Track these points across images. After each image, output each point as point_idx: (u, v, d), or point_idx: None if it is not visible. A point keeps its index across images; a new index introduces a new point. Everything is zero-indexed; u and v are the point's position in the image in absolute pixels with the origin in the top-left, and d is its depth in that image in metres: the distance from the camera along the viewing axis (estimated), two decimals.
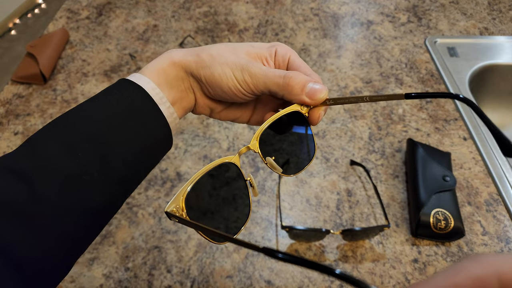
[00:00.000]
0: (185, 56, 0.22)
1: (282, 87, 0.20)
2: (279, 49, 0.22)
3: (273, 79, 0.20)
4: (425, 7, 0.67)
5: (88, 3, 0.68)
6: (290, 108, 0.21)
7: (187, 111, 0.24)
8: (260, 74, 0.21)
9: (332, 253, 0.36)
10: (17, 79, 0.54)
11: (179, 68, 0.22)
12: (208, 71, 0.21)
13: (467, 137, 0.46)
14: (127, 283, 0.34)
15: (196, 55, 0.21)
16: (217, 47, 0.22)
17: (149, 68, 0.21)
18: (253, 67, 0.21)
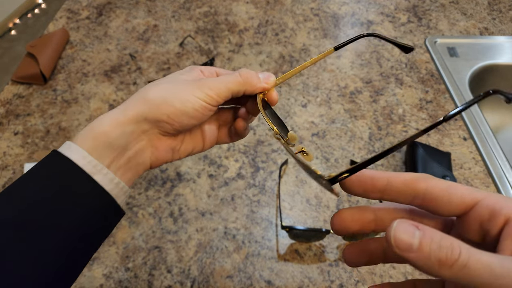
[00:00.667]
0: (128, 109, 0.20)
1: (243, 84, 0.22)
2: (203, 68, 0.23)
3: (233, 80, 0.21)
4: (425, 7, 0.67)
5: (88, 3, 0.68)
6: (258, 99, 0.22)
7: (142, 170, 0.22)
8: (219, 82, 0.21)
9: (332, 253, 0.36)
10: (17, 79, 0.54)
11: (127, 124, 0.20)
12: (168, 107, 0.20)
13: (467, 137, 0.47)
14: (127, 283, 0.34)
15: (142, 102, 0.20)
16: (155, 86, 0.21)
17: (84, 134, 0.19)
18: (208, 81, 0.21)
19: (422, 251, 0.12)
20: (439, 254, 0.11)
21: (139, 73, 0.55)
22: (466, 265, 0.11)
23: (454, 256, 0.11)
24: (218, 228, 0.38)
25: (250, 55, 0.58)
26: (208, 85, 0.21)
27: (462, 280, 0.12)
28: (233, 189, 0.41)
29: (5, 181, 0.42)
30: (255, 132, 0.47)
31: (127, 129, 0.20)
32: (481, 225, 0.13)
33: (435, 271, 0.12)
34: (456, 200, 0.13)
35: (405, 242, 0.12)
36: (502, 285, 0.11)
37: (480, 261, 0.11)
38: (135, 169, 0.21)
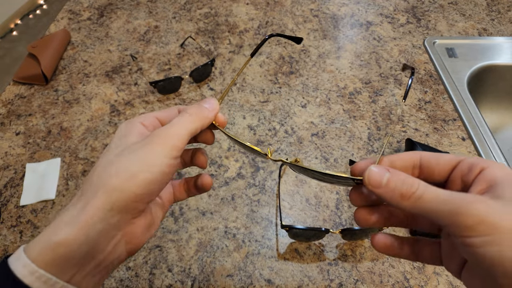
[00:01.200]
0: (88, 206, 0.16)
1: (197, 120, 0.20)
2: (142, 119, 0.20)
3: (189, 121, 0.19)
4: (424, 8, 0.67)
5: (90, 4, 0.69)
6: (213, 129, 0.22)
7: (117, 265, 0.19)
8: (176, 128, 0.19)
9: (332, 252, 0.37)
10: (18, 80, 0.54)
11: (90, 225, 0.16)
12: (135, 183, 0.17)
13: (465, 137, 0.47)
14: (128, 282, 0.35)
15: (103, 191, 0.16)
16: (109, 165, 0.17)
17: (40, 242, 0.16)
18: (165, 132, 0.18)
19: (388, 186, 0.15)
20: (401, 189, 0.15)
21: (140, 74, 0.56)
22: (421, 197, 0.14)
23: (413, 190, 0.15)
24: (219, 227, 0.38)
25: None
26: (171, 135, 0.18)
27: (417, 209, 0.15)
28: (233, 188, 0.42)
29: (6, 181, 0.43)
30: (255, 132, 0.48)
31: (91, 232, 0.16)
32: (462, 178, 0.16)
33: (397, 202, 0.15)
34: (443, 161, 0.16)
35: (376, 180, 0.16)
36: (447, 211, 0.14)
37: (432, 193, 0.14)
38: (106, 270, 0.18)
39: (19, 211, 0.40)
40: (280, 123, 0.49)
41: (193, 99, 0.52)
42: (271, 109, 0.50)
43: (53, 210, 0.40)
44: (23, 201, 0.40)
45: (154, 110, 0.51)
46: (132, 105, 0.51)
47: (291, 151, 0.45)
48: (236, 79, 0.25)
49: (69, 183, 0.42)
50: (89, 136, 0.47)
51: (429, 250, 0.18)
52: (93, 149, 0.46)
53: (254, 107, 0.51)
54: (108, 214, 0.16)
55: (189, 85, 0.54)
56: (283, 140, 0.47)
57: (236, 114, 0.50)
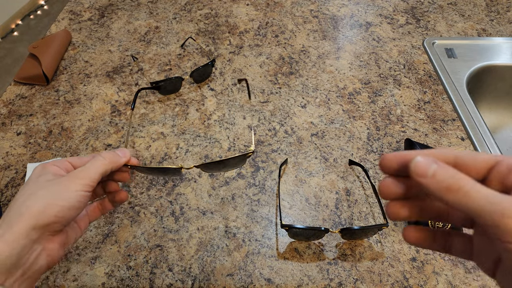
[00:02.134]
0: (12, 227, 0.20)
1: (108, 164, 0.25)
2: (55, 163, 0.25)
3: (100, 164, 0.24)
4: (423, 9, 0.68)
5: (90, 4, 0.69)
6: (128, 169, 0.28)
7: (39, 274, 0.23)
8: (89, 170, 0.24)
9: (331, 251, 0.37)
10: (19, 80, 0.54)
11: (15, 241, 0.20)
12: (54, 208, 0.22)
13: (464, 137, 0.47)
14: (129, 281, 0.35)
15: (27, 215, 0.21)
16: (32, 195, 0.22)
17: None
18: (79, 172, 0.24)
19: (435, 177, 0.15)
20: (448, 181, 0.15)
21: (140, 74, 0.56)
22: (468, 192, 0.14)
23: (460, 184, 0.15)
24: (219, 227, 0.39)
25: (250, 57, 0.59)
26: (80, 176, 0.23)
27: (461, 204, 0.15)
28: (233, 188, 0.42)
29: (7, 180, 0.43)
30: (255, 133, 0.48)
31: (16, 246, 0.20)
32: (501, 181, 0.15)
33: (442, 194, 0.15)
34: (480, 160, 0.16)
35: (422, 170, 0.15)
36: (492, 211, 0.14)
37: (479, 191, 0.14)
38: (32, 278, 0.22)
39: None
40: (280, 123, 0.49)
41: (194, 99, 0.52)
42: (271, 109, 0.51)
43: None
44: None
45: (155, 110, 0.51)
46: None
47: (290, 151, 0.46)
48: None
49: None
50: (90, 136, 0.47)
51: (461, 244, 0.18)
52: (94, 149, 0.46)
53: (254, 107, 0.51)
54: (31, 232, 0.21)
55: (190, 86, 0.54)
56: (283, 140, 0.47)
57: (236, 115, 0.50)
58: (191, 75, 0.52)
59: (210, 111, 0.51)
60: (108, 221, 0.39)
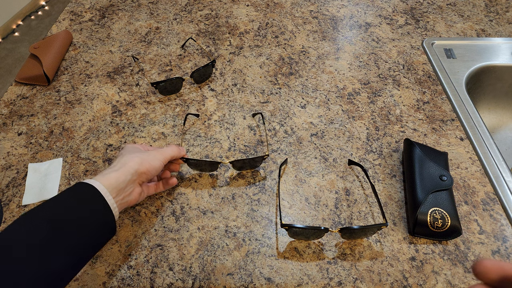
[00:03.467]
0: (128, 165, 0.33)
1: (176, 153, 0.39)
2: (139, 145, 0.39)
3: (172, 150, 0.38)
4: (422, 9, 0.68)
5: (91, 5, 0.69)
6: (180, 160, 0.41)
7: (128, 205, 0.34)
8: (167, 150, 0.38)
9: (331, 251, 0.37)
10: (20, 80, 0.55)
11: (128, 174, 0.33)
12: (147, 165, 0.34)
13: (463, 137, 0.47)
14: (129, 281, 0.35)
15: (131, 162, 0.34)
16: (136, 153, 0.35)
17: (103, 176, 0.32)
18: (162, 151, 0.37)
19: None
20: None
21: (141, 75, 0.56)
22: None
23: None
24: (219, 226, 0.39)
25: (250, 57, 0.59)
26: (163, 151, 0.37)
27: None
28: (233, 188, 0.42)
29: (8, 180, 0.43)
30: (255, 133, 0.48)
31: (128, 177, 0.33)
32: None
33: None
34: None
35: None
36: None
37: None
38: (123, 205, 0.33)
39: (21, 210, 0.40)
40: (280, 124, 0.49)
41: (194, 100, 0.52)
42: (271, 109, 0.51)
43: None
44: (25, 200, 0.41)
45: (155, 111, 0.51)
46: (133, 105, 0.52)
47: (290, 151, 0.46)
48: None
49: (71, 183, 0.43)
50: (91, 136, 0.48)
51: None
52: (95, 149, 0.46)
53: (254, 108, 0.51)
54: (134, 173, 0.33)
55: (190, 86, 0.54)
56: (283, 140, 0.47)
57: (237, 115, 0.50)
58: (192, 75, 0.52)
59: (211, 111, 0.51)
60: None
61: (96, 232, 0.30)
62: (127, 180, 0.32)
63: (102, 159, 0.45)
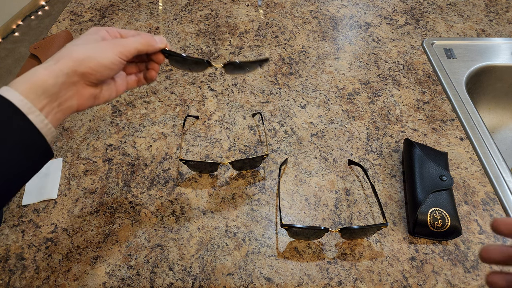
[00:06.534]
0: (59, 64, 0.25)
1: (145, 44, 0.28)
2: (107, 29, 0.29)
3: (138, 41, 0.28)
4: (422, 9, 0.68)
5: (91, 5, 0.69)
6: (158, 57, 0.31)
7: (70, 112, 0.27)
8: (129, 43, 0.28)
9: (331, 251, 0.37)
10: None
11: (60, 76, 0.24)
12: (92, 61, 0.25)
13: (463, 137, 0.47)
14: (129, 281, 0.35)
15: (71, 59, 0.25)
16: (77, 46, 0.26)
17: (21, 81, 0.23)
18: (121, 41, 0.27)
19: None
20: None
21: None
22: None
23: None
24: (219, 226, 0.39)
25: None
26: (121, 44, 0.27)
27: None
28: (233, 188, 0.42)
29: None
30: (255, 133, 0.48)
31: (59, 79, 0.24)
32: None
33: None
34: None
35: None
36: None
37: None
38: (64, 111, 0.26)
39: (21, 210, 0.40)
40: (280, 124, 0.49)
41: (194, 100, 0.52)
42: (271, 109, 0.51)
43: (55, 209, 0.40)
44: (25, 200, 0.41)
45: (155, 110, 0.51)
46: (133, 105, 0.52)
47: (290, 151, 0.46)
48: None
49: (71, 183, 0.43)
50: (91, 136, 0.48)
51: None
52: (95, 149, 0.46)
53: (254, 108, 0.51)
54: (71, 74, 0.25)
55: (190, 86, 0.54)
56: (283, 140, 0.47)
57: (237, 115, 0.50)
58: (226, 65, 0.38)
59: (211, 111, 0.51)
60: (109, 220, 0.39)
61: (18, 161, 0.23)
62: (58, 82, 0.24)
63: (102, 159, 0.45)
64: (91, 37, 0.27)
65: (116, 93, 0.30)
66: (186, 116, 0.48)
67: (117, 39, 0.28)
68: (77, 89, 0.26)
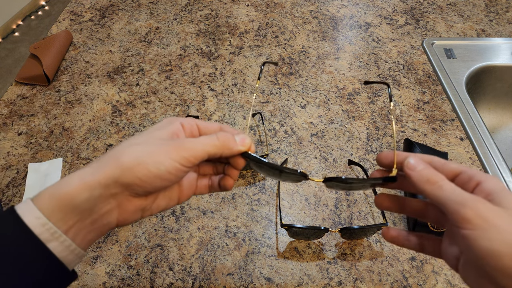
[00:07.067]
0: (99, 171, 0.19)
1: (221, 147, 0.21)
2: (184, 121, 0.23)
3: (211, 143, 0.21)
4: (422, 9, 0.68)
5: (91, 5, 0.69)
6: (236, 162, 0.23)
7: (107, 230, 0.21)
8: (196, 145, 0.21)
9: (331, 251, 0.37)
10: (20, 80, 0.55)
11: (95, 187, 0.19)
12: (141, 170, 0.19)
13: (463, 137, 0.47)
14: (129, 280, 0.35)
15: (114, 164, 0.19)
16: (129, 146, 0.20)
17: (48, 193, 0.18)
18: (186, 143, 0.20)
19: (421, 172, 0.20)
20: (429, 176, 0.19)
21: (141, 75, 0.56)
22: (442, 186, 0.19)
23: (437, 179, 0.19)
24: (219, 226, 0.39)
25: (251, 57, 0.59)
26: (185, 147, 0.20)
27: (435, 195, 0.19)
28: (233, 188, 0.42)
29: (8, 180, 0.43)
30: (255, 133, 0.48)
31: (95, 192, 0.19)
32: (462, 186, 0.19)
33: (422, 185, 0.19)
34: (448, 168, 0.20)
35: (413, 165, 0.20)
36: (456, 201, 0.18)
37: (450, 185, 0.19)
38: (99, 230, 0.20)
39: None
40: (280, 124, 0.49)
41: (194, 100, 0.52)
42: (271, 109, 0.51)
43: None
44: None
45: (155, 110, 0.51)
46: (133, 105, 0.52)
47: (290, 151, 0.46)
48: None
49: None
50: (91, 136, 0.48)
51: (431, 244, 0.22)
52: (95, 149, 0.46)
53: (255, 108, 0.51)
54: (111, 184, 0.19)
55: (190, 86, 0.54)
56: (283, 140, 0.47)
57: (237, 115, 0.50)
58: None
59: (211, 111, 0.51)
60: None
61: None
62: (94, 196, 0.19)
63: None
64: (157, 134, 0.21)
65: (178, 201, 0.23)
66: (186, 116, 0.48)
67: (183, 139, 0.21)
68: (117, 203, 0.20)
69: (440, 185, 0.19)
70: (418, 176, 0.20)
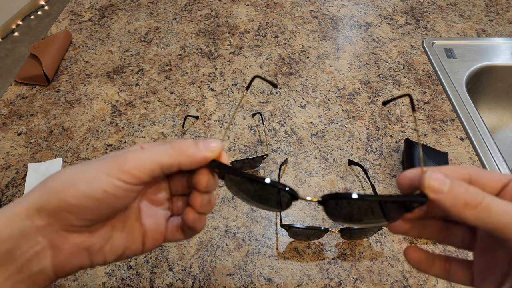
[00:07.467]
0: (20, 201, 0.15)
1: (176, 156, 0.16)
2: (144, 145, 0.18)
3: (162, 152, 0.16)
4: (422, 9, 0.68)
5: (91, 5, 0.69)
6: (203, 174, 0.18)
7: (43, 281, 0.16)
8: (143, 156, 0.16)
9: (331, 251, 0.37)
10: (20, 80, 0.55)
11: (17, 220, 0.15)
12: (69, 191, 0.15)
13: (464, 137, 0.47)
14: (129, 281, 0.35)
15: (40, 188, 0.15)
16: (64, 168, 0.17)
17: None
18: (128, 155, 0.16)
19: (451, 193, 0.14)
20: (466, 197, 0.14)
21: (141, 75, 0.56)
22: (488, 206, 0.14)
23: (479, 199, 0.14)
24: (219, 226, 0.39)
25: (250, 57, 0.59)
26: (127, 159, 0.16)
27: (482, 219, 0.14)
28: None
29: (8, 181, 0.43)
30: (255, 133, 0.48)
31: (14, 228, 0.15)
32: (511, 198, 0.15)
33: (459, 211, 0.14)
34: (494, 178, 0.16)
35: (437, 186, 0.15)
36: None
37: (501, 204, 0.14)
38: (31, 281, 0.15)
39: None
40: (280, 124, 0.49)
41: (194, 99, 0.52)
42: (271, 109, 0.51)
43: None
44: None
45: (155, 110, 0.51)
46: (133, 105, 0.52)
47: (290, 151, 0.46)
48: None
49: None
50: (90, 136, 0.48)
51: (460, 270, 0.17)
52: (94, 149, 0.46)
53: (254, 108, 0.51)
54: (36, 215, 0.15)
55: (190, 86, 0.54)
56: (283, 140, 0.47)
57: (237, 115, 0.50)
58: None
59: (211, 111, 0.51)
60: None
61: None
62: (13, 235, 0.15)
63: None
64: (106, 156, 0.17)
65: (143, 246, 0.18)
66: (186, 116, 0.48)
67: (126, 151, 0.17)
68: (49, 241, 0.15)
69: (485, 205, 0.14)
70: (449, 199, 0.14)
